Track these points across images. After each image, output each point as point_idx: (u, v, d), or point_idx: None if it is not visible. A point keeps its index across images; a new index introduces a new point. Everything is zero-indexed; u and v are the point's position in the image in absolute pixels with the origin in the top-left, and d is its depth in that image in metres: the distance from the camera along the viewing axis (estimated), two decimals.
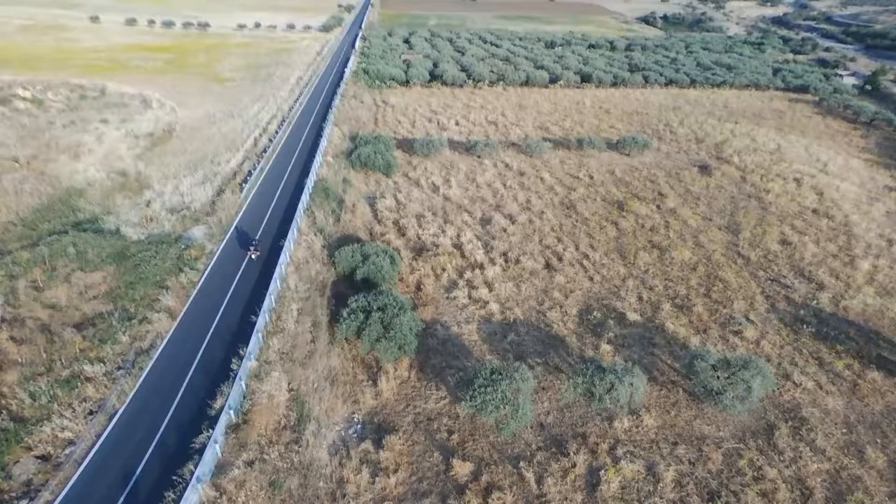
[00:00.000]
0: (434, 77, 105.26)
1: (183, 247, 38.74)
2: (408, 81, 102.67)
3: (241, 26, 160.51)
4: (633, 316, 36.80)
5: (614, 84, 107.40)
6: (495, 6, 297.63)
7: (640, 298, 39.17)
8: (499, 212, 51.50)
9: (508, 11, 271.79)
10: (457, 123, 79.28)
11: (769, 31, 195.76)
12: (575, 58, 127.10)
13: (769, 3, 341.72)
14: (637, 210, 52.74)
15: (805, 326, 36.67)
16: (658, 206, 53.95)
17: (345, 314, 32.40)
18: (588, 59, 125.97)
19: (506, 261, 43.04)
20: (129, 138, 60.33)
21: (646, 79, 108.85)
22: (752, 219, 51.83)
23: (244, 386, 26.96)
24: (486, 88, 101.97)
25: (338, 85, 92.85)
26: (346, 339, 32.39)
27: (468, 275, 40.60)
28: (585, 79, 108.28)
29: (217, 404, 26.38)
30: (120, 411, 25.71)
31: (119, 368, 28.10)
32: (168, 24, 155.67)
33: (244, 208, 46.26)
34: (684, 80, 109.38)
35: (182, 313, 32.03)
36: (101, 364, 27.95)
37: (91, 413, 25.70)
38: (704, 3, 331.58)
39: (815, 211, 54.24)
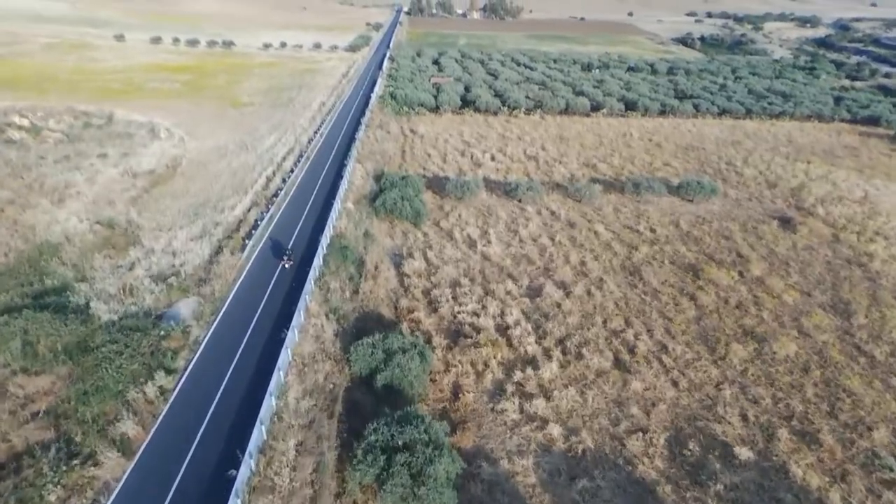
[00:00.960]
0: (466, 103, 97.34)
1: (161, 333, 30.63)
2: (438, 107, 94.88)
3: (267, 46, 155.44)
4: (742, 451, 27.32)
5: (662, 113, 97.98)
6: (525, 25, 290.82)
7: (744, 419, 29.69)
8: (549, 278, 42.54)
9: (539, 31, 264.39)
10: (492, 158, 70.81)
11: (818, 55, 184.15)
12: (616, 82, 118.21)
13: (808, 25, 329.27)
14: (716, 278, 43.25)
15: None
16: (741, 274, 44.34)
17: (359, 454, 23.73)
18: (630, 84, 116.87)
19: (563, 353, 33.99)
20: (126, 177, 53.10)
21: (696, 107, 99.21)
22: (861, 295, 41.89)
23: None
24: (522, 116, 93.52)
25: (363, 112, 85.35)
26: (359, 483, 23.69)
27: (518, 375, 31.63)
28: (630, 106, 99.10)
29: None
30: None
31: None
32: (192, 43, 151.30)
33: (244, 274, 38.11)
34: (738, 110, 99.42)
35: (142, 449, 23.68)
36: None
37: None
38: (741, 24, 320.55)
39: None
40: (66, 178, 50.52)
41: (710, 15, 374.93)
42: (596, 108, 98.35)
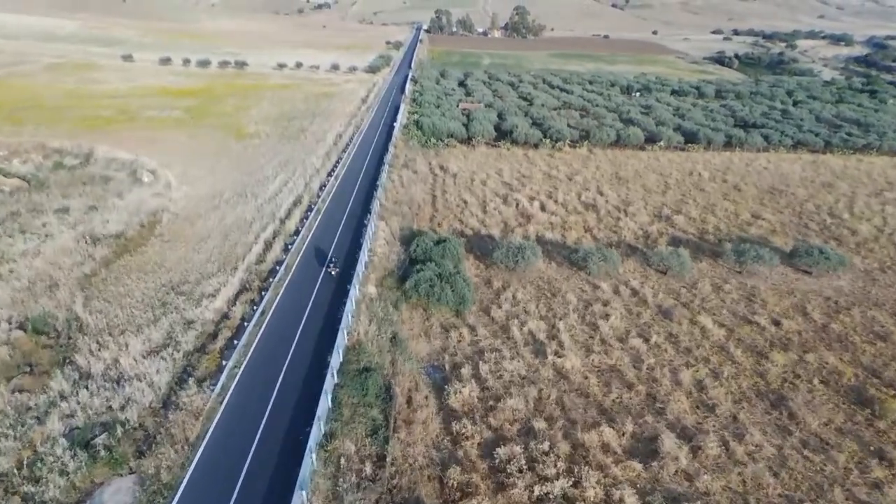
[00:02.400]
0: (501, 133, 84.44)
1: None
2: (470, 138, 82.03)
3: (281, 66, 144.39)
4: None
5: (727, 145, 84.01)
6: (548, 44, 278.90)
7: None
8: (660, 417, 28.73)
9: (563, 49, 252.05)
10: (542, 207, 57.41)
11: (874, 76, 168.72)
12: (664, 108, 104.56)
13: (843, 43, 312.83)
14: None
15: None
16: None
17: None
18: (682, 111, 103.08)
19: None
20: (83, 244, 40.49)
21: (766, 139, 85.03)
22: None
23: None
24: (567, 150, 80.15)
25: (385, 147, 72.71)
26: None
27: None
28: (689, 137, 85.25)
29: None
30: None
31: None
32: (203, 64, 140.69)
33: (213, 429, 24.83)
34: (814, 143, 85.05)
35: None
36: None
37: None
38: (772, 42, 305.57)
39: None
40: (3, 248, 37.96)
41: (736, 32, 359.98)
42: (650, 139, 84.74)
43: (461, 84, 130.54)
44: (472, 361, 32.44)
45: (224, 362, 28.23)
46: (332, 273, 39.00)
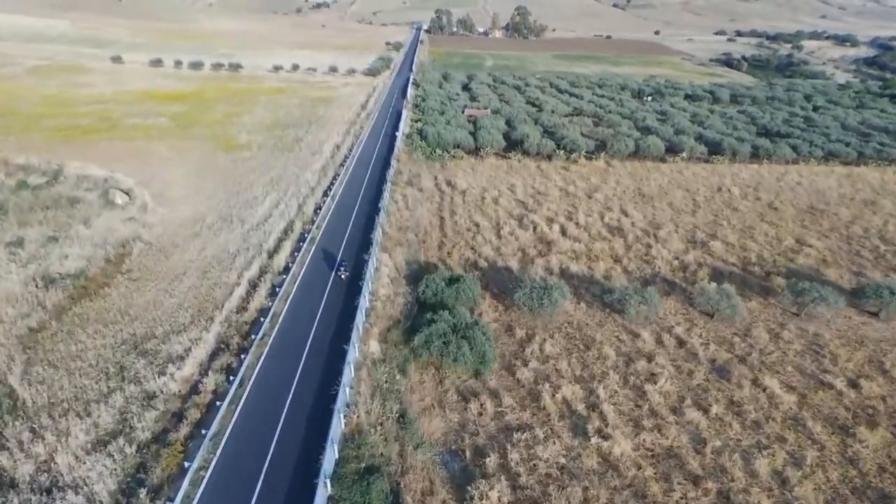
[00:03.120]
0: (511, 142, 78.13)
1: None
2: (477, 149, 75.71)
3: (277, 68, 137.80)
4: None
5: (754, 156, 77.74)
6: (550, 45, 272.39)
7: None
8: None
9: (566, 50, 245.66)
10: (563, 231, 51.18)
11: (890, 79, 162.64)
12: (680, 114, 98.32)
13: (848, 44, 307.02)
14: None
15: None
16: None
17: None
18: (699, 117, 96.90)
19: None
20: (33, 288, 34.12)
21: (795, 150, 78.82)
22: None
23: None
24: (583, 162, 73.86)
25: (387, 161, 66.45)
26: None
27: None
28: (713, 148, 79.01)
29: None
30: None
31: None
32: (196, 66, 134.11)
33: None
34: (846, 153, 78.83)
35: None
36: None
37: None
38: (777, 43, 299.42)
39: None
40: None
41: (739, 33, 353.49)
42: (670, 149, 78.50)
43: (465, 87, 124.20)
44: (497, 444, 26.22)
45: (187, 463, 21.90)
46: (327, 321, 32.72)
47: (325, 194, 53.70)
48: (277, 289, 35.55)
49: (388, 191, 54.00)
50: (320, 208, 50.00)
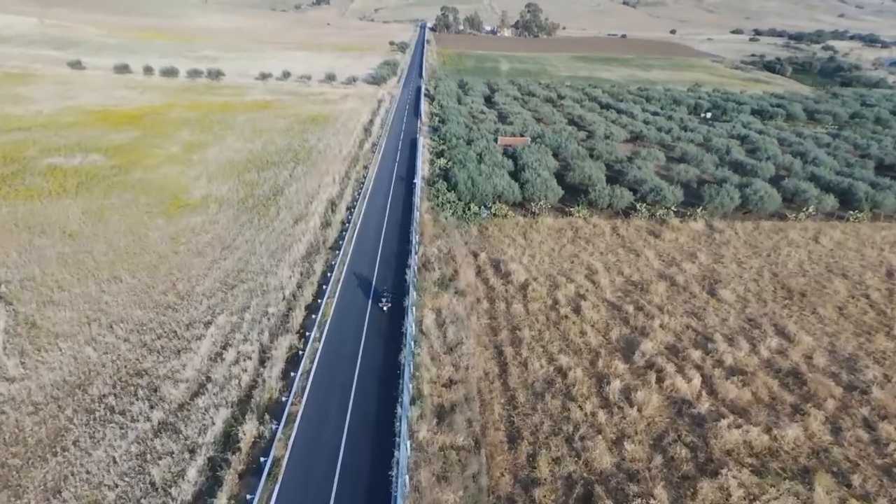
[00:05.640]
0: (565, 186, 56.06)
1: None
2: (525, 199, 53.53)
3: (265, 76, 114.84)
4: None
5: None
6: (564, 44, 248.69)
7: None
8: None
9: (583, 51, 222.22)
10: (709, 388, 29.12)
11: None
12: (767, 140, 75.74)
13: (879, 45, 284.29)
14: None
15: None
16: None
17: None
18: (795, 146, 74.51)
19: None
20: None
21: None
22: None
23: None
24: (675, 223, 51.60)
25: (404, 235, 44.13)
26: None
27: None
28: (841, 196, 56.86)
29: None
30: None
31: None
32: (169, 73, 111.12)
33: None
34: None
35: None
36: None
37: None
38: (804, 43, 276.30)
39: None
40: None
41: (758, 32, 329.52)
42: (784, 198, 56.36)
43: (488, 100, 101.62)
44: None
45: None
46: None
47: (312, 313, 31.36)
48: None
49: (412, 320, 31.59)
50: (300, 356, 27.65)
